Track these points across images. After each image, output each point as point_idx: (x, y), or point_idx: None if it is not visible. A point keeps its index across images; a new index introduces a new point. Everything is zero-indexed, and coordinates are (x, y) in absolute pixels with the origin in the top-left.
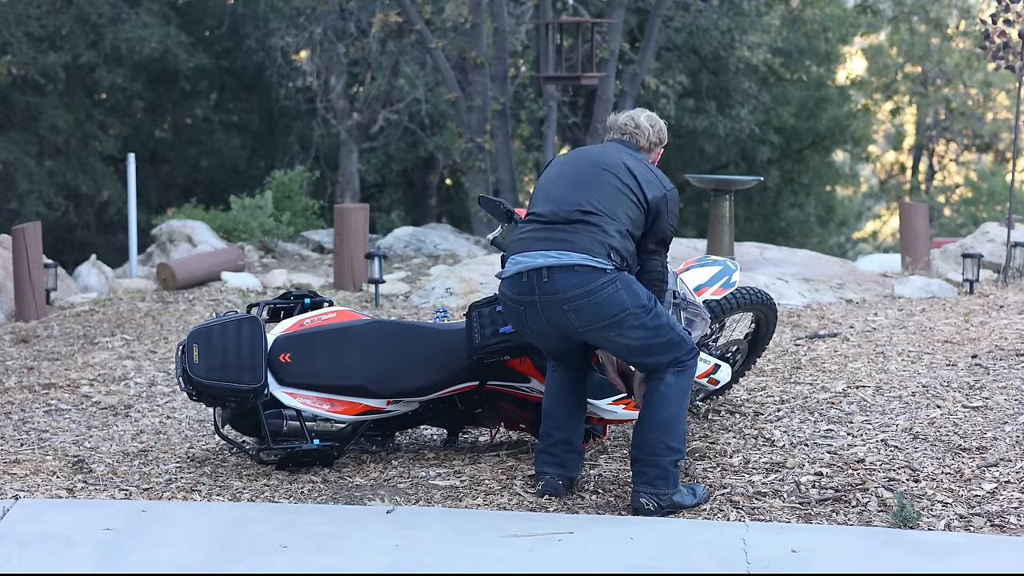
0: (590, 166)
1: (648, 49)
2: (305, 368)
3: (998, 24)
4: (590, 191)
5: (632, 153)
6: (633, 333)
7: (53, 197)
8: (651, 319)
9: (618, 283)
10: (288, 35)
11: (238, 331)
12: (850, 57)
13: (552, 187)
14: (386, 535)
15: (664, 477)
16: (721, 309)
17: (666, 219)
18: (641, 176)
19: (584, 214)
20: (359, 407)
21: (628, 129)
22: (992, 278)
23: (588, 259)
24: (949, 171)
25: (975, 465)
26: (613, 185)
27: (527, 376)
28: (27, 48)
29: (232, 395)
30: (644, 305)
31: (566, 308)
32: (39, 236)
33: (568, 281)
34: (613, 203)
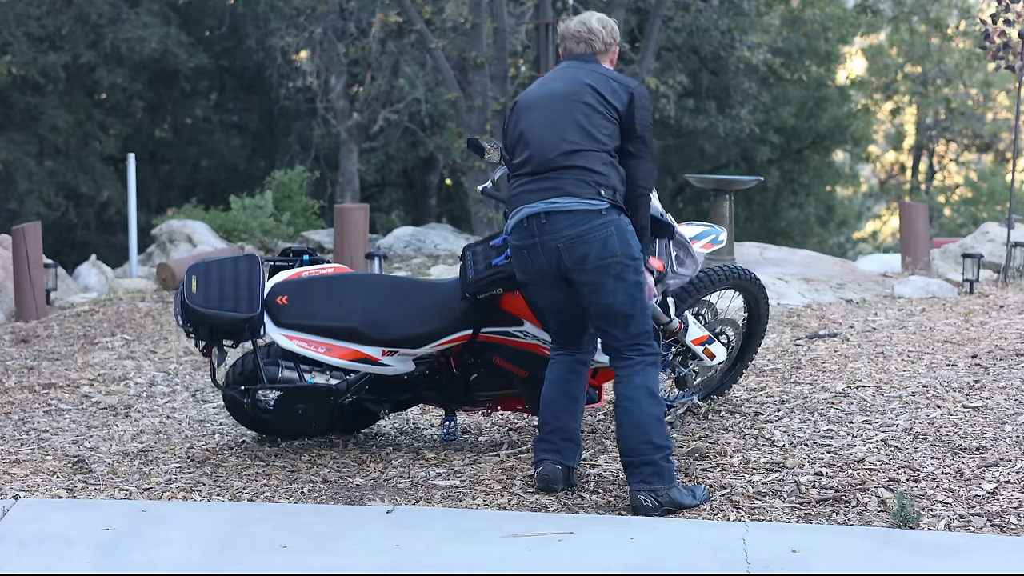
0: (558, 102)
1: (648, 49)
2: (301, 309)
3: (998, 24)
4: (565, 129)
5: (589, 67)
6: (615, 285)
7: (53, 197)
8: (634, 275)
9: (612, 228)
10: (288, 35)
11: (236, 266)
12: (850, 57)
13: (529, 134)
14: (386, 535)
15: (658, 473)
16: (708, 280)
17: (638, 118)
18: (605, 90)
19: (566, 156)
20: (354, 352)
21: (582, 35)
22: (992, 278)
23: (579, 203)
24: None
25: (975, 465)
26: (584, 113)
27: (520, 318)
28: (27, 48)
29: (228, 325)
30: (634, 258)
31: (560, 247)
32: (39, 236)
33: (564, 221)
34: (590, 132)
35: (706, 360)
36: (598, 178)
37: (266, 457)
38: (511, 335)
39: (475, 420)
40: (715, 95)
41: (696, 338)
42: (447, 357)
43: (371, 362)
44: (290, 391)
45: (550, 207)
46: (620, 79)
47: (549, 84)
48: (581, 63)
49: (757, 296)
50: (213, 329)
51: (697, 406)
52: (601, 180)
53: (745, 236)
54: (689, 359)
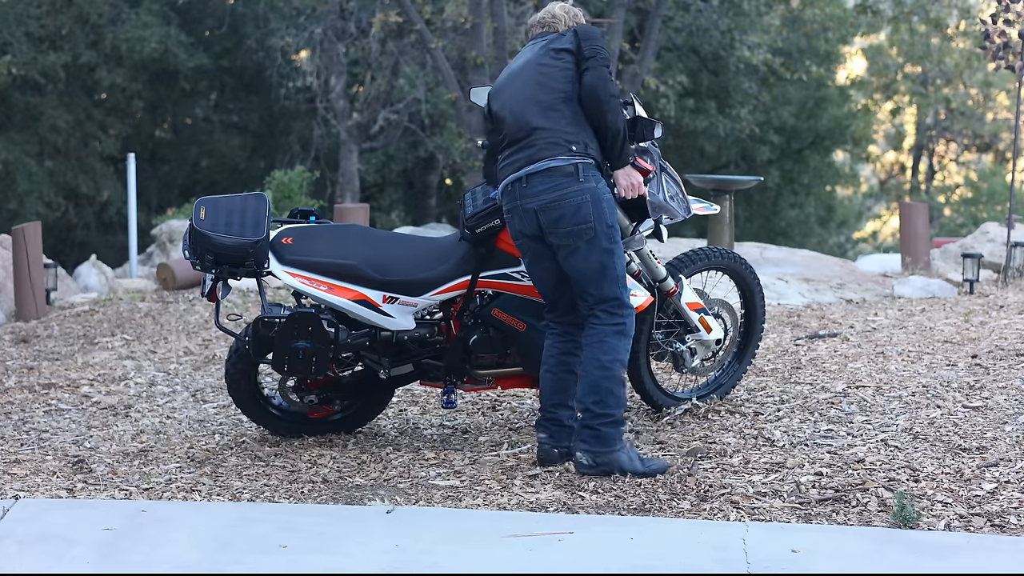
0: (518, 76)
1: (648, 49)
2: (305, 248)
3: (998, 24)
4: (528, 97)
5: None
6: (589, 248)
7: (53, 197)
8: (608, 243)
9: (588, 195)
10: (288, 35)
11: (244, 201)
12: (850, 57)
13: (501, 112)
14: (386, 535)
15: (597, 437)
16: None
17: (585, 48)
18: (555, 44)
19: (535, 117)
20: (356, 293)
21: (547, 21)
22: (992, 278)
23: (552, 162)
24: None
25: (975, 465)
26: (540, 74)
27: (517, 257)
28: (27, 48)
29: (233, 250)
30: (609, 225)
31: (537, 209)
32: (39, 236)
33: (541, 184)
34: (549, 87)
35: (703, 332)
36: (566, 136)
37: (266, 457)
38: (509, 277)
39: (475, 420)
40: (715, 95)
41: (691, 302)
42: (448, 321)
43: (372, 306)
44: (291, 323)
45: (528, 170)
46: (567, 30)
47: (511, 66)
48: (543, 41)
49: (748, 281)
50: (218, 256)
51: (697, 406)
52: (569, 137)
53: (745, 236)
54: (686, 334)
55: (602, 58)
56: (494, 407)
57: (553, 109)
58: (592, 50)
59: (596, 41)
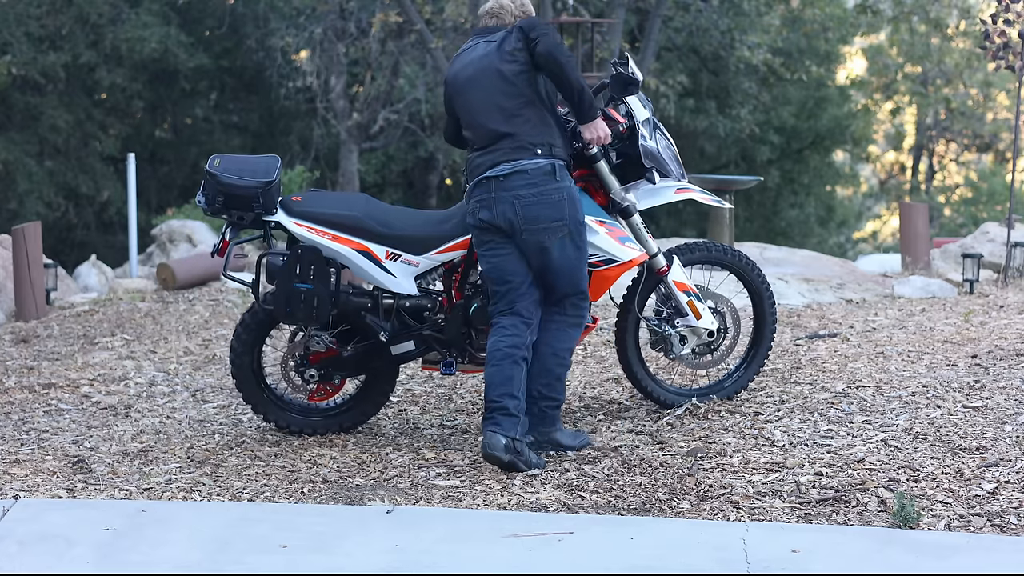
0: (480, 78)
1: (648, 49)
2: (312, 204)
3: (998, 24)
4: (494, 100)
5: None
6: (562, 245)
7: (53, 197)
8: (580, 241)
9: (564, 193)
10: (288, 35)
11: (257, 158)
12: (850, 57)
13: (466, 116)
14: (386, 535)
15: (541, 418)
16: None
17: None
18: (506, 44)
19: (500, 124)
20: (359, 244)
21: (495, 11)
22: (992, 278)
23: (521, 164)
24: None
25: (975, 465)
26: (502, 78)
27: None
28: (27, 48)
29: (243, 191)
30: (580, 223)
31: (516, 203)
32: (39, 236)
33: (520, 180)
34: (511, 92)
35: (691, 317)
36: (531, 139)
37: (266, 457)
38: None
39: (475, 420)
40: (715, 95)
41: (679, 281)
42: (449, 292)
43: (374, 260)
44: (294, 258)
45: (502, 170)
46: (513, 28)
47: (465, 62)
48: (485, 35)
49: (759, 289)
50: (228, 198)
51: (697, 406)
52: (535, 140)
53: (745, 236)
54: (676, 318)
55: (547, 34)
56: None
57: (516, 115)
58: (537, 32)
59: (540, 27)
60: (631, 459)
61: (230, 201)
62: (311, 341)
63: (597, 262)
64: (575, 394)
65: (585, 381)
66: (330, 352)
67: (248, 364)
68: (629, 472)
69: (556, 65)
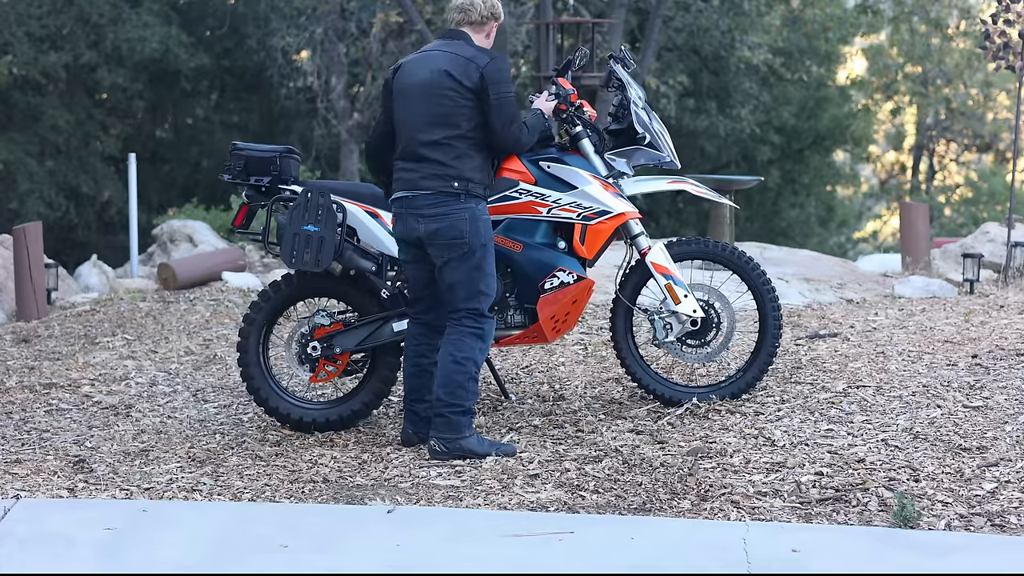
0: (421, 94)
1: (649, 49)
2: (327, 182)
3: (998, 24)
4: (425, 123)
5: (454, 47)
6: (461, 262)
7: (54, 197)
8: (479, 260)
9: (467, 213)
10: (289, 35)
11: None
12: (850, 57)
13: (400, 125)
14: (386, 535)
15: (448, 425)
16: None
17: (491, 93)
18: (459, 73)
19: (424, 148)
20: (368, 208)
21: (464, 7)
22: (992, 278)
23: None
24: (949, 171)
25: (975, 465)
26: (440, 103)
27: (516, 181)
28: (28, 48)
29: (261, 154)
30: (482, 245)
31: (421, 219)
32: (40, 236)
33: (424, 200)
34: (447, 122)
35: (669, 301)
36: (449, 171)
37: (267, 457)
38: (508, 198)
39: (475, 421)
40: (715, 95)
41: (658, 263)
42: None
43: (381, 222)
44: (304, 199)
45: (410, 194)
46: (476, 58)
47: (417, 73)
48: (449, 41)
49: (759, 288)
50: (247, 162)
51: (697, 406)
52: (452, 173)
53: (745, 236)
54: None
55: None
56: (495, 407)
57: (443, 144)
58: (499, 99)
59: (505, 88)
60: (632, 459)
61: (250, 165)
62: (316, 316)
63: (591, 214)
64: (575, 394)
65: (586, 381)
66: (335, 326)
67: (254, 347)
68: (630, 472)
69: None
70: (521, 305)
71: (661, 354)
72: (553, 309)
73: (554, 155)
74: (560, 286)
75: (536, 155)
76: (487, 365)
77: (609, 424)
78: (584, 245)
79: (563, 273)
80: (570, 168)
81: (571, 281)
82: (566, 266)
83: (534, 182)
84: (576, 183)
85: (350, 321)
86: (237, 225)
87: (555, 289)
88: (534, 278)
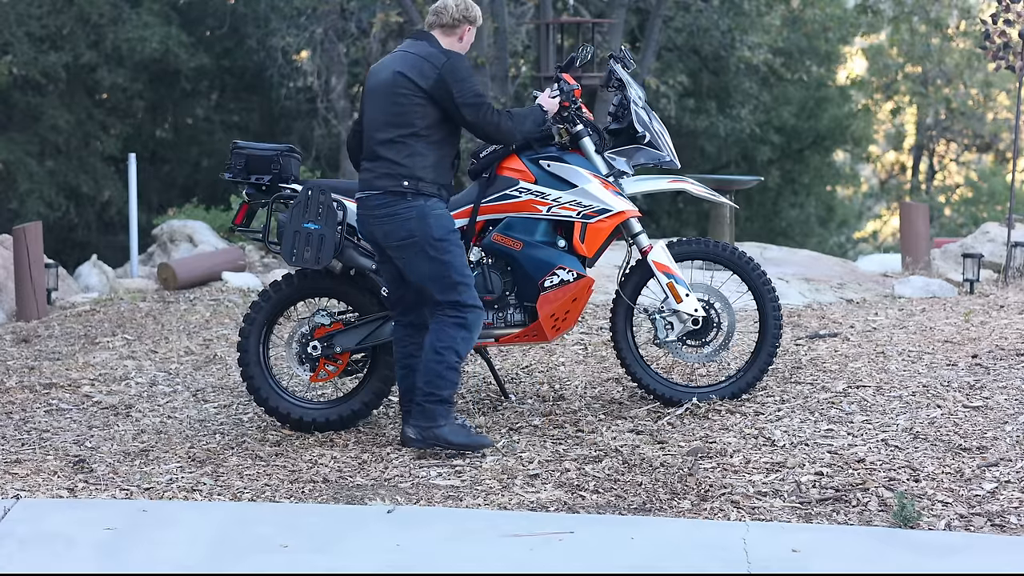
0: (379, 95)
1: (649, 49)
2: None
3: (998, 24)
4: (380, 122)
5: (416, 49)
6: (419, 259)
7: (54, 197)
8: (437, 253)
9: (414, 212)
10: (289, 35)
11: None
12: (850, 57)
13: (364, 122)
14: (386, 535)
15: (423, 414)
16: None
17: (454, 93)
18: (415, 74)
19: (380, 147)
20: None
21: (438, 9)
22: (993, 278)
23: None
24: (949, 171)
25: (975, 465)
26: (395, 103)
27: (516, 179)
28: (28, 48)
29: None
30: (434, 238)
31: (374, 220)
32: (40, 236)
33: (375, 201)
34: (401, 121)
35: (671, 300)
36: (400, 169)
37: (267, 457)
38: (508, 196)
39: (475, 420)
40: (715, 95)
41: (659, 262)
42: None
43: None
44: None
45: (364, 194)
46: (432, 57)
47: (379, 74)
48: (412, 43)
49: (759, 288)
50: (248, 160)
51: (697, 406)
52: (403, 171)
53: (745, 236)
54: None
55: (479, 102)
56: (495, 407)
57: (398, 142)
58: (464, 96)
59: (467, 86)
60: (632, 459)
61: (251, 163)
62: (316, 316)
63: (591, 213)
64: (575, 394)
65: (586, 381)
66: (335, 326)
67: (255, 347)
68: (630, 472)
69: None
70: (521, 303)
71: (661, 354)
72: (553, 307)
73: (554, 154)
74: (560, 284)
75: (536, 154)
76: (487, 365)
77: (609, 424)
78: (584, 243)
79: (563, 271)
80: (570, 167)
81: (571, 279)
82: (566, 264)
83: (534, 181)
84: (576, 181)
85: (350, 320)
86: (237, 223)
87: (555, 287)
88: (534, 276)
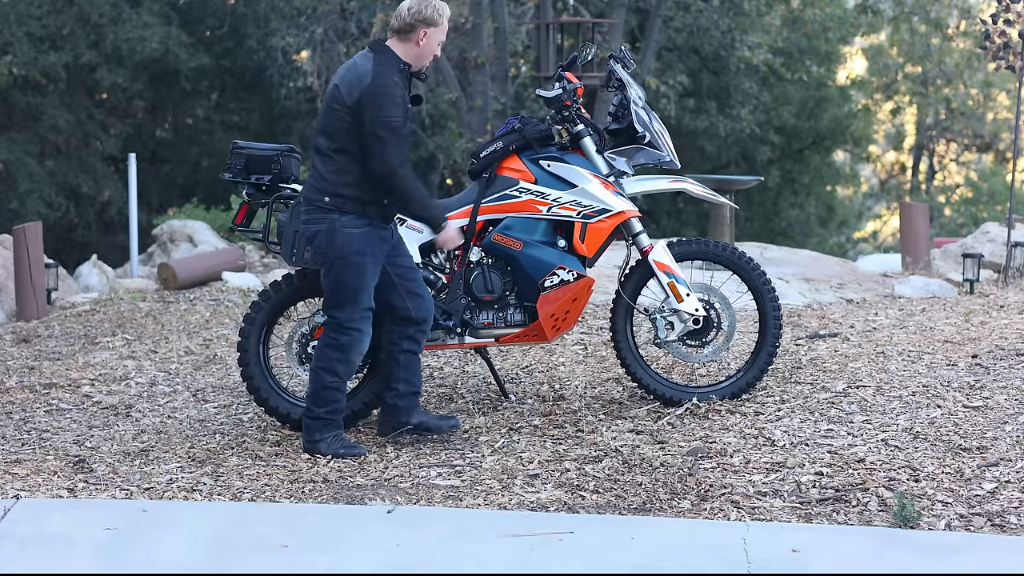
0: (323, 107)
1: (649, 49)
2: None
3: (998, 24)
4: (318, 130)
5: (362, 60)
6: (323, 271)
7: (54, 197)
8: (335, 272)
9: (324, 225)
10: (289, 35)
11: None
12: (850, 57)
13: None
14: (386, 535)
15: (307, 428)
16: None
17: (366, 117)
18: (344, 87)
19: (315, 155)
20: None
21: (398, 14)
22: (992, 278)
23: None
24: (949, 171)
25: (975, 465)
26: (328, 116)
27: (516, 179)
28: (28, 48)
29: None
30: (336, 255)
31: (300, 229)
32: (40, 236)
33: (304, 207)
34: (330, 134)
35: (672, 299)
36: (325, 185)
37: (267, 457)
38: (508, 196)
39: (475, 420)
40: (715, 95)
41: (660, 262)
42: (451, 266)
43: None
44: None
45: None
46: (364, 76)
47: (331, 82)
48: (364, 53)
49: (759, 288)
50: (248, 160)
51: (697, 406)
52: (327, 187)
53: (745, 236)
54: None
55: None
56: (495, 407)
57: (327, 156)
58: (373, 123)
59: (382, 112)
60: (632, 459)
61: (251, 163)
62: (316, 316)
63: (591, 213)
64: (575, 394)
65: (586, 381)
66: None
67: (255, 347)
68: (630, 472)
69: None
70: (521, 303)
71: (661, 354)
72: (553, 307)
73: (555, 154)
74: (560, 284)
75: (536, 154)
76: (487, 365)
77: (609, 424)
78: (584, 243)
79: (563, 271)
80: (570, 167)
81: (571, 279)
82: (566, 264)
83: (534, 181)
84: (576, 181)
85: None
86: (237, 223)
87: (555, 287)
88: (534, 276)
